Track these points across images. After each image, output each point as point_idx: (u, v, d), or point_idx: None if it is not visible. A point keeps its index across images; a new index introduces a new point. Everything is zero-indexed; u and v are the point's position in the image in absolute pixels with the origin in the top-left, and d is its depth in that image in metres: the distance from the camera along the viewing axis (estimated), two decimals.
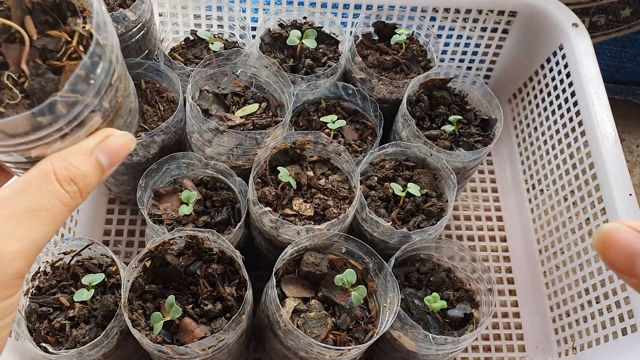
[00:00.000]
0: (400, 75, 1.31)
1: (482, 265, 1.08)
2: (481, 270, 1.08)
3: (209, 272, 0.98)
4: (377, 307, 1.02)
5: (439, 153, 1.16)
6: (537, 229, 1.45)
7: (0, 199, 0.45)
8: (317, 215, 1.08)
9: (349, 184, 1.13)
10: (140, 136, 1.16)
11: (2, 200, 0.45)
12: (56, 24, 0.55)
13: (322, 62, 1.30)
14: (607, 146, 1.22)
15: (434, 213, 1.14)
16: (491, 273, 1.10)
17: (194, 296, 0.98)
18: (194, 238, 0.99)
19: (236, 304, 0.96)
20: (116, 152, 0.51)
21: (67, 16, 0.55)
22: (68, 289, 1.03)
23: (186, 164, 1.13)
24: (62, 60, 0.53)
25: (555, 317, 1.33)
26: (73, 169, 0.48)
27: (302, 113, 1.28)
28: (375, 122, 1.26)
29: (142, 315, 0.94)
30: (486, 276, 1.07)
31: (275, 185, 1.10)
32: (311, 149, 1.15)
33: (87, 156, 0.49)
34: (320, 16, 1.35)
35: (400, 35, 1.31)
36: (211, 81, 1.22)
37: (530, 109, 1.51)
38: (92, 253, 1.07)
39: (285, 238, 1.04)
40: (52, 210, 0.46)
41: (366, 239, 1.13)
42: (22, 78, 0.52)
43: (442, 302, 1.06)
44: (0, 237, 0.43)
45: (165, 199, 1.13)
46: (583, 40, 1.35)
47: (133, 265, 0.95)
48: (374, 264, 1.02)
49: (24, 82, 0.52)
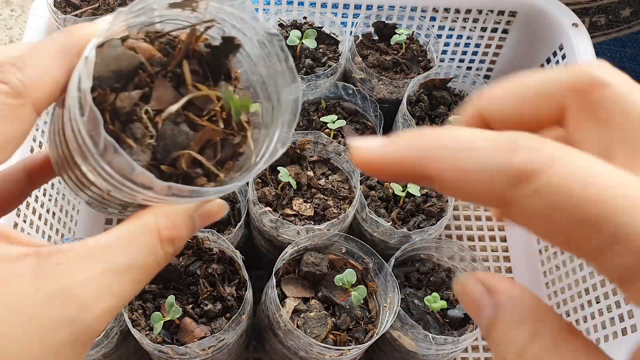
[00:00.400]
0: (400, 75, 1.31)
1: (482, 265, 1.09)
2: (481, 270, 1.08)
3: (209, 272, 0.98)
4: (377, 307, 1.02)
5: None
6: None
7: (100, 248, 0.41)
8: (317, 215, 1.08)
9: (349, 184, 1.13)
10: None
11: (102, 250, 0.40)
12: (207, 80, 0.50)
13: (322, 62, 1.30)
14: None
15: (434, 213, 1.14)
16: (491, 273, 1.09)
17: (194, 296, 0.98)
18: (193, 238, 0.99)
19: (236, 304, 0.96)
20: (209, 219, 0.49)
21: (220, 78, 0.50)
22: None
23: None
24: (203, 119, 0.48)
25: None
26: (175, 231, 0.45)
27: (302, 113, 1.28)
28: (375, 122, 1.26)
29: (142, 315, 0.94)
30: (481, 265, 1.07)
31: (275, 185, 1.10)
32: (311, 149, 1.15)
33: (188, 218, 0.45)
34: (320, 16, 1.35)
35: (401, 35, 1.31)
36: None
37: None
38: None
39: (285, 238, 1.04)
40: (147, 268, 0.42)
41: (366, 239, 1.13)
42: (158, 117, 0.46)
43: (442, 302, 1.06)
44: (97, 292, 0.39)
45: None
46: (583, 41, 1.35)
47: None
48: (374, 264, 1.02)
49: (158, 121, 0.46)
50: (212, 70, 0.50)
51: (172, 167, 0.46)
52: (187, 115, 0.47)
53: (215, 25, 0.49)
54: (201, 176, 0.46)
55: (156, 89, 0.47)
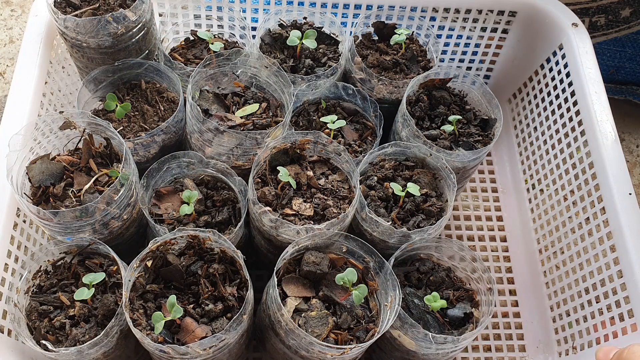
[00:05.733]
0: (400, 75, 1.31)
1: (482, 264, 1.09)
2: (481, 270, 1.09)
3: (210, 272, 0.98)
4: (377, 306, 1.02)
5: (439, 153, 1.16)
6: (537, 229, 1.45)
7: None
8: (317, 215, 1.08)
9: (348, 183, 1.13)
10: (141, 136, 1.16)
11: None
12: (107, 164, 1.12)
13: (322, 62, 1.30)
14: (606, 145, 1.22)
15: (433, 213, 1.14)
16: (491, 273, 1.10)
17: (195, 296, 0.98)
18: (195, 238, 0.99)
19: (237, 304, 0.96)
20: None
21: (114, 161, 1.13)
22: (69, 288, 1.04)
23: (187, 163, 1.13)
24: (105, 187, 1.07)
25: (556, 317, 1.33)
26: None
27: (302, 113, 1.28)
28: (375, 122, 1.26)
29: (143, 315, 0.94)
30: (486, 276, 1.07)
31: (275, 185, 1.10)
32: (311, 149, 1.15)
33: None
34: (320, 16, 1.36)
35: (400, 35, 1.31)
36: (211, 81, 1.22)
37: (530, 108, 1.51)
38: (93, 252, 1.07)
39: (285, 238, 1.04)
40: None
41: (366, 238, 1.13)
42: (80, 193, 1.06)
43: (442, 301, 1.06)
44: None
45: (166, 199, 1.13)
46: (583, 40, 1.35)
47: (134, 265, 0.95)
48: (374, 263, 1.02)
49: (80, 195, 1.06)
50: (109, 158, 1.13)
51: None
52: (96, 188, 1.07)
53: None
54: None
55: (76, 178, 1.09)
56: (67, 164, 1.10)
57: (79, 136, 1.12)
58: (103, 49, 1.19)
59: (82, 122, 1.09)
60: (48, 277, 1.05)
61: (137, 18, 1.18)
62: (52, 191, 1.07)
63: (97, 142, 1.13)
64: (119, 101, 1.21)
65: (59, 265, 1.06)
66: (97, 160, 1.12)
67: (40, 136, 1.09)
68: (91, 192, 1.07)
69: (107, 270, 1.04)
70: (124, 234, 1.13)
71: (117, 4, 1.21)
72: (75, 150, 1.14)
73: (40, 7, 1.28)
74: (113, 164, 1.12)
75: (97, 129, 1.10)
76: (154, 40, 1.28)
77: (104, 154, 1.13)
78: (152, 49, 1.28)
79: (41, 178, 1.07)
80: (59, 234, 1.04)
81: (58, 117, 1.08)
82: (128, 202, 1.07)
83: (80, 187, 1.07)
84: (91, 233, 1.06)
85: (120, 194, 1.03)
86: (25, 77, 1.20)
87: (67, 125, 1.09)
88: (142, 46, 1.24)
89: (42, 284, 1.04)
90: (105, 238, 1.09)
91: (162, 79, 1.25)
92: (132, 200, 1.09)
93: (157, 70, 1.24)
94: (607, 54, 1.69)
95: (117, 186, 1.03)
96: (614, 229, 1.16)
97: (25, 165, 1.07)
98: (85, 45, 1.18)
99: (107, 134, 1.10)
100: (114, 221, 1.07)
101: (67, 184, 1.08)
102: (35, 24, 1.26)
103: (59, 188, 1.07)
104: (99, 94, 1.24)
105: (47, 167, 1.08)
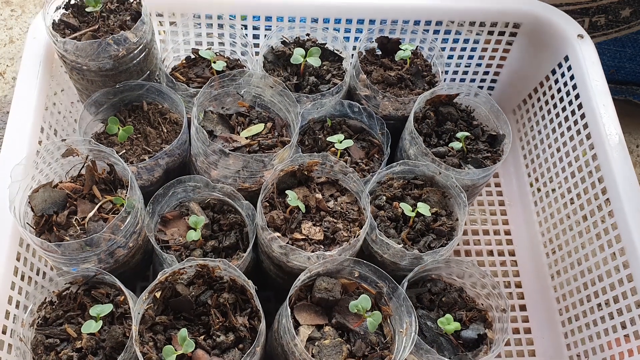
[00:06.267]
0: (405, 91, 1.29)
1: (492, 280, 1.07)
2: (497, 296, 1.07)
3: (220, 302, 0.96)
4: (392, 332, 1.00)
5: (448, 171, 1.15)
6: (545, 243, 1.43)
7: None
8: (327, 239, 1.06)
9: (357, 205, 1.11)
10: (144, 160, 1.14)
11: None
12: (111, 191, 1.10)
13: (327, 80, 1.28)
14: (617, 160, 1.21)
15: (444, 232, 1.12)
16: (501, 288, 1.08)
17: (206, 326, 0.96)
18: (204, 267, 0.97)
19: (249, 334, 0.94)
20: None
21: (117, 187, 1.10)
22: (75, 320, 1.01)
23: (192, 187, 1.11)
24: (109, 214, 1.05)
25: (567, 333, 1.31)
26: None
27: (308, 132, 1.26)
28: (382, 139, 1.24)
29: (153, 348, 0.92)
30: (502, 302, 1.05)
31: (284, 209, 1.08)
32: (319, 170, 1.13)
33: None
34: (322, 32, 1.34)
35: (405, 51, 1.29)
36: (215, 102, 1.20)
37: (535, 120, 1.50)
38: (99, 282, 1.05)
39: (295, 264, 1.02)
40: None
41: (376, 260, 1.11)
42: (84, 221, 1.03)
43: (456, 324, 1.04)
44: None
45: (171, 224, 1.11)
46: (589, 52, 1.34)
47: (143, 297, 0.93)
48: (388, 288, 1.00)
49: (84, 224, 1.03)
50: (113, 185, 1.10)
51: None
52: (101, 215, 1.04)
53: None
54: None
55: (79, 206, 1.06)
56: (70, 191, 1.08)
57: (81, 162, 1.10)
58: (104, 72, 1.17)
59: (85, 149, 1.07)
60: (53, 309, 1.03)
61: (138, 39, 1.16)
62: (55, 220, 1.04)
63: (100, 168, 1.10)
64: (121, 124, 1.18)
65: (64, 296, 1.04)
66: (101, 186, 1.10)
67: (42, 164, 1.07)
68: (95, 220, 1.04)
69: (114, 301, 1.02)
70: (130, 261, 1.11)
71: (116, 25, 1.18)
72: (78, 176, 1.12)
73: (38, 29, 1.25)
74: (117, 190, 1.10)
75: (100, 155, 1.08)
76: (155, 60, 1.26)
77: (107, 180, 1.10)
78: (153, 69, 1.26)
79: (44, 207, 1.05)
80: (64, 265, 1.02)
81: (61, 145, 1.05)
82: (134, 230, 1.05)
83: (84, 215, 1.05)
84: (97, 263, 1.04)
85: (126, 222, 1.01)
86: (25, 103, 1.17)
87: (69, 153, 1.07)
88: (144, 67, 1.22)
89: (48, 315, 1.02)
90: (111, 267, 1.07)
91: (164, 99, 1.23)
92: (137, 228, 1.06)
93: (159, 91, 1.21)
94: (607, 54, 1.68)
95: (123, 215, 1.01)
96: (627, 244, 1.14)
97: (28, 194, 1.04)
98: (86, 68, 1.16)
99: (111, 160, 1.08)
100: (120, 250, 1.05)
101: (70, 212, 1.06)
102: (34, 46, 1.23)
103: (63, 216, 1.04)
104: (100, 117, 1.22)
105: (50, 195, 1.06)
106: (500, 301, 1.05)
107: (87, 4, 1.19)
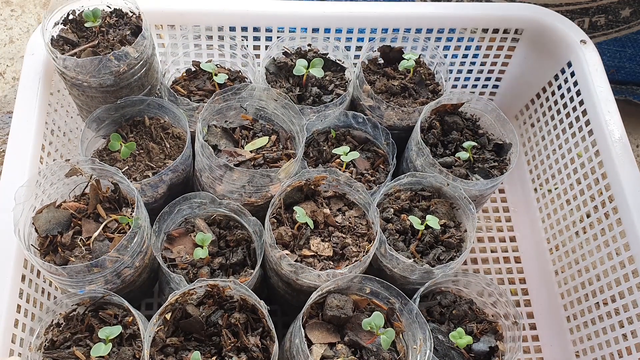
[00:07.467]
0: (409, 100, 1.28)
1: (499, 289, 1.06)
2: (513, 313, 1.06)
3: (232, 322, 0.95)
4: (404, 348, 0.99)
5: (455, 182, 1.14)
6: (551, 249, 1.43)
7: None
8: (336, 254, 1.05)
9: (365, 219, 1.10)
10: (148, 176, 1.12)
11: None
12: (115, 209, 1.08)
13: (329, 90, 1.27)
14: (624, 166, 1.20)
15: (453, 244, 1.12)
16: (508, 295, 1.07)
17: (217, 347, 0.95)
18: (214, 287, 0.96)
19: (262, 355, 0.93)
20: None
21: (122, 205, 1.08)
22: (83, 342, 0.99)
23: (198, 204, 1.10)
24: (114, 234, 1.03)
25: (576, 340, 1.31)
26: None
27: (312, 143, 1.25)
28: (387, 150, 1.23)
29: None
30: (512, 311, 1.05)
31: (292, 225, 1.07)
32: (325, 184, 1.12)
33: None
34: (323, 42, 1.32)
35: (409, 60, 1.28)
36: (218, 115, 1.18)
37: (539, 126, 1.49)
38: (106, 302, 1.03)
39: (305, 282, 1.01)
40: None
41: (385, 274, 1.10)
42: (89, 241, 1.01)
43: (468, 337, 1.04)
44: None
45: (177, 242, 1.09)
46: (592, 58, 1.33)
47: (153, 321, 0.91)
48: (400, 304, 0.99)
49: (90, 244, 1.01)
50: (118, 203, 1.09)
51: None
52: (106, 235, 1.03)
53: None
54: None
55: (84, 226, 1.04)
56: (74, 210, 1.06)
57: (85, 181, 1.08)
58: (104, 88, 1.15)
59: (89, 169, 1.05)
60: (61, 331, 1.01)
61: (139, 54, 1.14)
62: (60, 240, 1.02)
63: (104, 186, 1.09)
64: (123, 140, 1.17)
65: (71, 318, 1.02)
66: (105, 205, 1.08)
67: (45, 184, 1.05)
68: (101, 240, 1.03)
69: (122, 322, 1.00)
70: (136, 280, 1.09)
71: (116, 40, 1.16)
72: (82, 195, 1.10)
73: (36, 45, 1.23)
74: (122, 208, 1.08)
75: (104, 174, 1.06)
76: (156, 74, 1.24)
77: (112, 199, 1.09)
78: (154, 84, 1.24)
79: (48, 227, 1.03)
80: (70, 287, 1.00)
81: (64, 165, 1.04)
82: (140, 249, 1.03)
83: (89, 235, 1.03)
84: (103, 284, 1.02)
85: (133, 242, 0.99)
86: (25, 122, 1.15)
87: (73, 173, 1.05)
88: (145, 82, 1.21)
89: (55, 338, 1.00)
90: (117, 287, 1.05)
91: (166, 114, 1.21)
92: (144, 247, 1.05)
93: (161, 105, 1.20)
94: (607, 54, 1.68)
95: (130, 235, 0.99)
96: (635, 252, 1.14)
97: (31, 215, 1.03)
98: (86, 85, 1.14)
99: (116, 179, 1.06)
100: (126, 270, 1.03)
101: (75, 232, 1.04)
102: (33, 63, 1.21)
103: (67, 237, 1.02)
104: (101, 133, 1.20)
105: (54, 216, 1.04)
106: (511, 310, 1.04)
107: (86, 19, 1.17)
